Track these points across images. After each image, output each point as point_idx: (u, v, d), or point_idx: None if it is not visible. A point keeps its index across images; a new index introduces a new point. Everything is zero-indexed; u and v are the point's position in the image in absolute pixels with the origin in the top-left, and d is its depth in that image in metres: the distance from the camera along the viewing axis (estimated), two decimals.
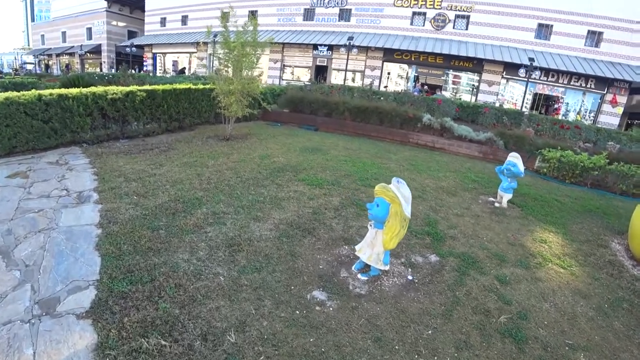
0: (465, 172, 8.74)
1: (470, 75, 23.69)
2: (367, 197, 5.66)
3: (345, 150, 9.12)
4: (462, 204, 6.17)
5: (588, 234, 5.87)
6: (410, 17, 23.33)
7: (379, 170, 7.46)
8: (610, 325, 3.57)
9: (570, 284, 4.19)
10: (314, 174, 6.49)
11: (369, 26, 24.05)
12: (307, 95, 13.66)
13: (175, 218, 4.04)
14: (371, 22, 24.03)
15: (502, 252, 4.58)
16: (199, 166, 6.05)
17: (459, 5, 22.29)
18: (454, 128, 12.51)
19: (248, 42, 8.09)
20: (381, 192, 3.17)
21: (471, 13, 22.13)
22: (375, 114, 12.91)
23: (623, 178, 9.17)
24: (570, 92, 21.86)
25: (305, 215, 4.58)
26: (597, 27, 20.46)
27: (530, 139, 11.37)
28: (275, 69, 26.78)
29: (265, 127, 11.52)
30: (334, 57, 25.04)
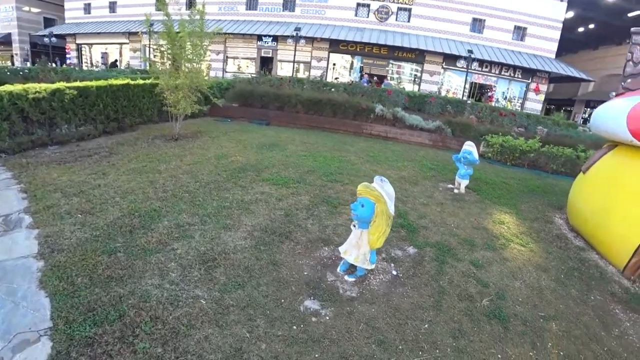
0: (420, 160, 9.03)
1: (413, 66, 24.66)
2: (335, 193, 5.56)
3: (302, 144, 8.91)
4: (425, 192, 6.34)
5: (535, 212, 6.39)
6: (354, 8, 23.51)
7: (340, 164, 7.39)
8: (569, 294, 3.96)
9: (531, 260, 4.51)
10: (277, 172, 6.21)
11: (314, 17, 23.80)
12: (257, 89, 13.14)
13: (134, 236, 3.51)
14: (316, 13, 23.80)
15: (470, 237, 4.77)
16: (150, 172, 5.42)
17: None
18: (405, 118, 12.91)
19: (195, 32, 7.42)
20: (365, 192, 3.05)
21: (413, 6, 22.93)
22: (329, 105, 12.82)
23: (553, 159, 10.18)
24: (501, 81, 23.83)
25: (278, 219, 4.33)
26: (522, 22, 22.53)
27: (474, 126, 12.10)
28: (218, 61, 25.43)
29: (215, 124, 10.86)
30: (279, 48, 24.44)
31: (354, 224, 3.29)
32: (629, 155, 4.98)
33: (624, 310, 3.96)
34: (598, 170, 5.42)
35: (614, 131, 5.01)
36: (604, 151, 5.60)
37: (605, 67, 27.48)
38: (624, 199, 4.72)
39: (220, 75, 24.18)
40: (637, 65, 5.33)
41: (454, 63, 23.06)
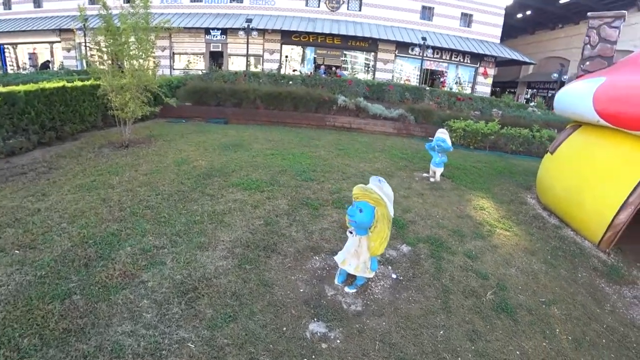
0: (389, 150, 8.93)
1: (366, 55, 24.71)
2: (313, 193, 5.19)
3: (267, 142, 8.40)
4: (403, 184, 6.19)
5: (508, 194, 6.51)
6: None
7: (311, 160, 7.02)
8: (559, 275, 4.04)
9: (518, 245, 4.53)
10: (247, 175, 5.71)
11: (264, 8, 22.88)
12: (212, 85, 12.29)
13: (91, 271, 2.85)
14: (266, 4, 22.89)
15: (458, 228, 4.67)
16: (101, 187, 4.67)
17: None
18: (368, 107, 12.79)
19: (140, 26, 6.56)
20: (364, 196, 2.73)
21: None
22: (289, 99, 12.34)
23: (512, 140, 10.61)
24: (452, 67, 24.68)
25: (258, 230, 3.89)
26: (469, 10, 23.44)
27: (436, 112, 12.28)
28: (165, 58, 23.64)
29: (169, 126, 9.95)
30: (229, 42, 23.25)
31: (351, 230, 2.97)
32: (595, 134, 5.15)
33: (608, 283, 4.10)
34: (566, 150, 5.58)
35: (580, 112, 5.14)
36: (568, 131, 5.78)
37: (541, 50, 29.55)
38: (594, 177, 4.87)
39: (167, 72, 22.54)
40: (594, 48, 5.51)
41: (406, 51, 23.45)
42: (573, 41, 26.72)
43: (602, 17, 5.40)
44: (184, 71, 21.89)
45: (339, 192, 5.33)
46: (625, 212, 4.52)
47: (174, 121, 10.79)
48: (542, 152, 10.75)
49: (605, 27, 5.35)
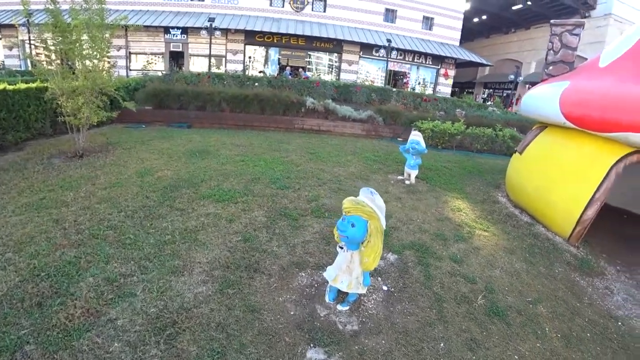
0: (361, 152, 8.88)
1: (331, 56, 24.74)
2: (290, 202, 4.95)
3: (236, 147, 8.02)
4: (380, 188, 6.11)
5: (480, 193, 6.67)
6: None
7: (284, 166, 6.77)
8: (539, 272, 4.16)
9: (498, 245, 4.60)
10: (217, 185, 5.35)
11: (227, 7, 22.16)
12: (174, 87, 11.62)
13: (46, 311, 2.40)
14: (228, 3, 22.16)
15: (439, 231, 4.66)
16: (53, 206, 4.12)
17: None
18: (337, 109, 12.72)
19: (95, 23, 5.95)
20: (356, 210, 2.56)
21: None
22: (256, 102, 11.97)
23: (477, 139, 10.99)
24: (414, 68, 25.36)
25: (237, 247, 3.59)
26: (430, 13, 24.24)
27: (404, 113, 12.46)
28: (120, 58, 22.17)
29: (127, 132, 9.25)
30: (190, 42, 22.29)
31: (341, 245, 2.79)
32: (561, 135, 5.37)
33: (582, 276, 4.29)
34: (534, 150, 5.78)
35: (548, 114, 5.34)
36: (535, 132, 6.00)
37: (496, 52, 31.23)
38: (562, 176, 5.07)
39: (124, 74, 21.17)
40: (557, 54, 5.76)
41: (370, 52, 23.78)
42: (524, 45, 28.56)
43: (563, 25, 5.65)
44: (142, 72, 20.63)
45: (316, 200, 5.14)
46: (592, 208, 4.74)
47: (133, 126, 10.08)
48: (504, 150, 11.27)
49: (567, 34, 5.60)
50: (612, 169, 4.72)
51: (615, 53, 5.32)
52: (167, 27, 21.31)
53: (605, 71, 5.18)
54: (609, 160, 4.74)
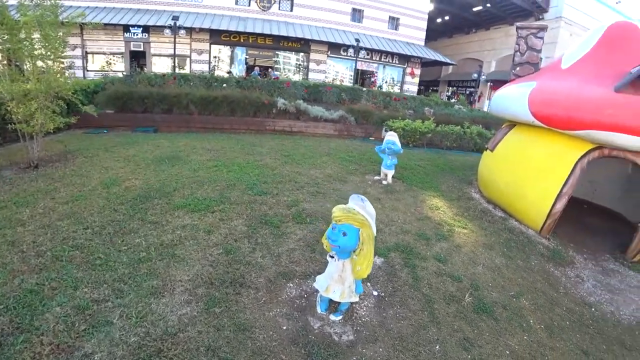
0: (335, 153, 8.84)
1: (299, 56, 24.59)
2: (269, 209, 4.79)
3: (207, 152, 7.70)
4: (358, 189, 6.11)
5: (455, 190, 6.83)
6: None
7: (259, 170, 6.58)
8: (517, 265, 4.33)
9: (477, 241, 4.72)
10: (191, 193, 5.08)
11: (191, 5, 21.34)
12: (137, 90, 11.01)
13: (7, 350, 2.09)
14: (193, 1, 21.35)
15: (421, 231, 4.70)
16: (7, 226, 3.67)
17: None
18: (309, 110, 12.63)
19: (48, 20, 5.43)
20: (347, 218, 2.48)
21: None
22: (225, 103, 11.62)
23: (446, 136, 11.31)
24: (381, 67, 25.78)
25: (219, 261, 3.40)
26: (395, 13, 24.71)
27: (375, 112, 12.58)
28: (76, 58, 20.67)
29: (88, 138, 8.64)
30: (152, 41, 21.28)
31: (332, 254, 2.71)
32: (529, 133, 5.60)
33: (555, 266, 4.53)
34: (505, 147, 5.99)
35: (517, 113, 5.55)
36: (505, 130, 6.22)
37: (459, 52, 32.46)
38: (533, 172, 5.30)
39: (80, 75, 19.83)
40: (523, 55, 6.00)
41: (338, 51, 23.89)
42: (485, 44, 29.90)
43: (529, 28, 5.91)
44: (101, 73, 19.43)
45: (296, 205, 5.02)
46: (560, 201, 4.98)
47: (93, 132, 9.44)
48: (472, 146, 11.70)
49: (532, 37, 5.85)
50: (577, 164, 4.99)
51: (575, 56, 5.62)
52: (127, 26, 20.18)
53: (568, 72, 5.46)
54: (574, 157, 5.00)
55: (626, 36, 5.34)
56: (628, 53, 5.21)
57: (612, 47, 5.32)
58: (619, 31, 5.39)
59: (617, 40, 5.35)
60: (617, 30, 5.40)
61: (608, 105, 4.52)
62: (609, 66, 5.17)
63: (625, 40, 5.32)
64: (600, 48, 5.40)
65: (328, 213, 4.76)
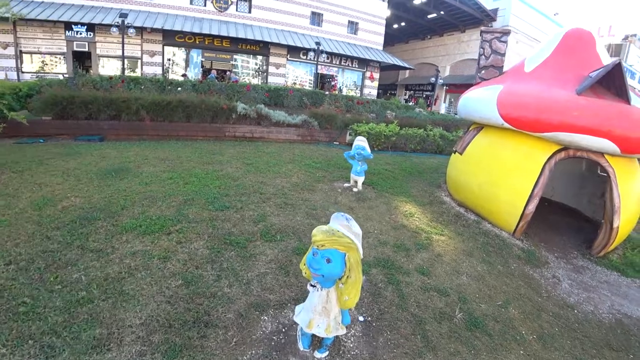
0: (300, 160, 8.45)
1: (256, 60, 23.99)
2: (233, 225, 4.29)
3: (160, 162, 6.96)
4: (329, 198, 5.77)
5: (426, 195, 6.74)
6: None
7: (220, 181, 6.00)
8: (499, 271, 4.26)
9: (457, 248, 4.58)
10: (143, 212, 4.44)
11: (141, 2, 19.92)
12: (80, 94, 9.88)
13: None
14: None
15: (399, 241, 4.47)
16: None
17: None
18: (270, 115, 12.15)
19: None
20: (332, 242, 2.11)
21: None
22: (180, 108, 10.82)
23: (410, 139, 11.38)
24: (340, 71, 25.89)
25: (178, 295, 2.88)
26: (354, 18, 24.96)
27: (339, 116, 12.38)
28: (7, 58, 18.42)
29: (20, 150, 7.52)
30: (99, 41, 19.59)
31: (314, 283, 2.33)
32: (497, 135, 5.61)
33: (532, 268, 4.54)
34: (474, 150, 5.97)
35: (486, 116, 5.53)
36: (473, 133, 6.22)
37: (415, 57, 33.58)
38: (505, 173, 5.29)
39: (14, 77, 17.72)
40: (488, 59, 6.05)
41: (297, 55, 23.63)
42: (439, 50, 31.19)
43: (492, 32, 5.96)
44: (37, 75, 17.47)
45: (263, 220, 4.56)
46: (532, 203, 5.01)
47: (27, 142, 8.28)
48: (435, 148, 11.89)
49: (496, 41, 5.90)
50: (545, 165, 5.04)
51: (537, 59, 5.74)
52: (69, 23, 18.32)
53: (531, 76, 5.55)
54: (542, 158, 5.05)
55: (582, 42, 5.54)
56: (585, 58, 5.41)
57: (570, 52, 5.49)
58: (576, 37, 5.58)
59: (574, 46, 5.53)
60: (574, 37, 5.59)
61: (573, 108, 4.59)
62: (568, 70, 5.32)
63: (581, 46, 5.52)
64: (560, 53, 5.56)
65: (299, 227, 4.39)
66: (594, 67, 5.26)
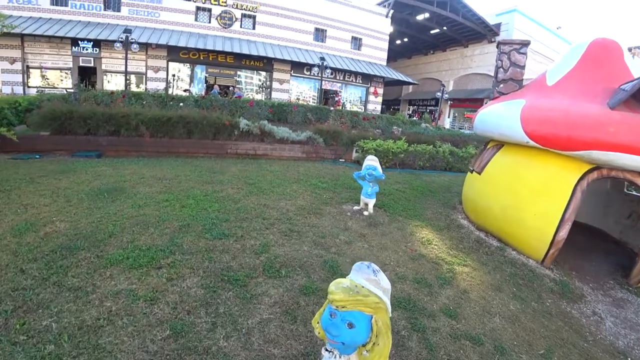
0: (306, 179, 8.01)
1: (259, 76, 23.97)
2: (232, 258, 3.78)
3: (157, 182, 6.50)
4: (338, 224, 5.25)
5: (442, 218, 6.25)
6: (194, 12, 20.98)
7: (220, 204, 5.51)
8: (534, 309, 3.72)
9: (483, 282, 4.11)
10: (132, 240, 3.96)
11: (146, 19, 20.06)
12: (78, 109, 9.62)
13: None
14: (148, 15, 20.10)
15: (419, 275, 3.96)
16: None
17: (244, 5, 21.80)
18: (274, 131, 11.80)
19: None
20: (355, 304, 1.63)
21: (257, 13, 22.11)
22: (181, 124, 10.47)
23: (419, 156, 10.95)
24: (344, 87, 25.79)
25: (164, 352, 2.37)
26: (358, 34, 25.02)
27: (345, 133, 12.01)
28: (14, 73, 18.41)
29: (13, 166, 7.15)
30: (104, 57, 19.62)
31: (329, 349, 1.84)
32: (522, 154, 5.15)
33: (569, 303, 4.04)
34: (495, 169, 5.52)
35: (508, 134, 5.10)
36: (492, 151, 5.78)
37: (418, 72, 33.56)
38: (531, 196, 4.82)
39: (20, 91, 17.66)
40: (507, 72, 5.67)
41: (301, 71, 23.58)
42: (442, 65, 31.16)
43: (511, 44, 5.61)
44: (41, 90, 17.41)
45: (267, 251, 4.05)
46: (564, 228, 4.53)
47: (23, 157, 7.94)
48: (444, 165, 11.45)
49: (515, 53, 5.54)
50: (577, 187, 4.58)
51: (559, 72, 5.35)
52: (75, 39, 18.39)
53: (555, 89, 5.14)
54: (572, 179, 4.60)
55: (608, 52, 5.15)
56: (612, 69, 5.00)
57: (596, 63, 5.10)
58: (601, 47, 5.19)
59: (600, 57, 5.14)
60: (599, 47, 5.21)
61: (608, 123, 4.16)
62: (596, 83, 4.91)
63: (607, 56, 5.12)
64: (585, 64, 5.17)
65: (307, 260, 3.91)
66: (623, 79, 4.84)
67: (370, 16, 25.18)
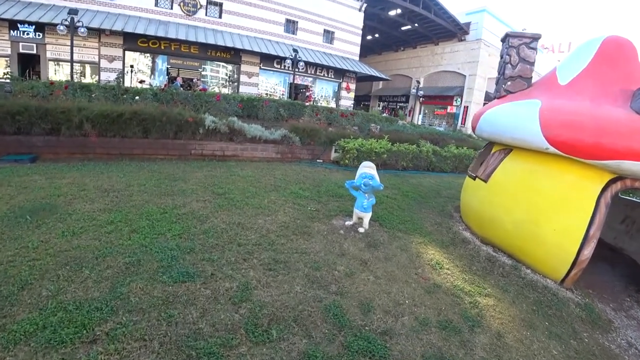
0: (284, 185, 6.99)
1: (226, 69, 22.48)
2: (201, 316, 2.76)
3: (102, 195, 5.15)
4: (331, 247, 4.27)
5: (442, 230, 5.60)
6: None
7: (182, 225, 4.33)
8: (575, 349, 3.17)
9: (514, 318, 3.47)
10: (54, 294, 2.76)
11: (100, 2, 17.77)
12: (5, 102, 7.96)
13: None
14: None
15: (442, 316, 3.20)
16: None
17: None
18: (245, 129, 10.63)
19: None
20: None
21: (224, 1, 20.50)
22: (136, 122, 8.95)
23: (403, 156, 10.33)
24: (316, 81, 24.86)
25: None
26: (330, 27, 24.10)
27: (323, 131, 11.12)
28: None
29: None
30: (49, 42, 17.17)
31: None
32: (536, 161, 4.55)
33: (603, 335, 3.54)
34: (504, 177, 4.89)
35: (522, 137, 4.47)
36: (499, 157, 5.15)
37: (388, 68, 33.29)
38: (549, 209, 4.24)
39: None
40: (515, 67, 5.05)
41: (271, 64, 22.38)
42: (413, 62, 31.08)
43: (521, 37, 5.00)
44: None
45: (248, 298, 2.99)
46: (588, 247, 4.01)
47: None
48: (427, 165, 10.93)
49: (524, 48, 4.94)
50: (600, 199, 4.05)
51: (572, 70, 4.82)
52: (13, 21, 15.88)
53: (570, 89, 4.60)
54: (594, 190, 4.07)
55: (623, 51, 4.68)
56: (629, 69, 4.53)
57: (612, 63, 4.60)
58: (615, 46, 4.71)
59: (615, 56, 4.66)
60: (613, 45, 4.72)
61: None
62: (614, 83, 4.40)
63: (622, 56, 4.65)
64: (599, 63, 4.65)
65: (303, 308, 2.97)
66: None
67: (343, 9, 24.37)
